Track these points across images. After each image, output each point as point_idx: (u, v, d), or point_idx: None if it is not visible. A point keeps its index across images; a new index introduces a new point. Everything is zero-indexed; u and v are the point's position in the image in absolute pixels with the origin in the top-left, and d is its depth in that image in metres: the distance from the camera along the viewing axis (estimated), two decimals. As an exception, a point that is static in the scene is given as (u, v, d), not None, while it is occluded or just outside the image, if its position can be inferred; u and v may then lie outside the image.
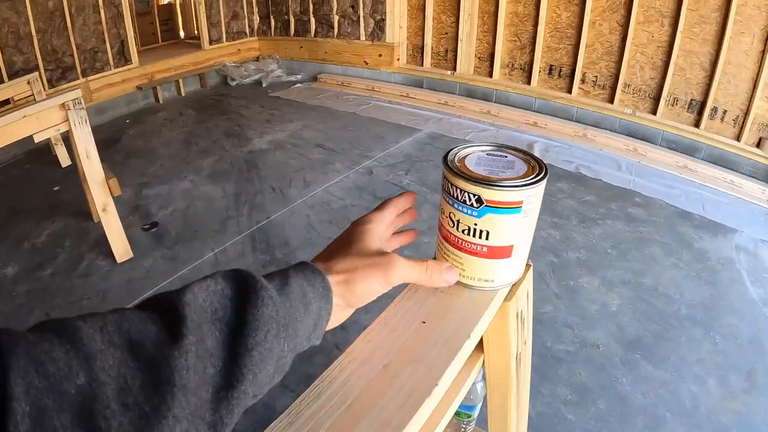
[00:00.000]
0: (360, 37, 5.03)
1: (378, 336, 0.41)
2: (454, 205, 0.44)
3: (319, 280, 0.36)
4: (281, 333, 0.31)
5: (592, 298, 2.07)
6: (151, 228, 2.63)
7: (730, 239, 2.53)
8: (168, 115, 4.53)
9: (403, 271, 0.41)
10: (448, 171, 0.44)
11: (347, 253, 0.41)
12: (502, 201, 0.42)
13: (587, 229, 2.56)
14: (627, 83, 3.79)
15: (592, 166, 3.28)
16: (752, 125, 3.26)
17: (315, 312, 0.35)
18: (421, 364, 0.37)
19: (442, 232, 0.48)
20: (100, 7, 4.30)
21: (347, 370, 0.37)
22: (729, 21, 3.15)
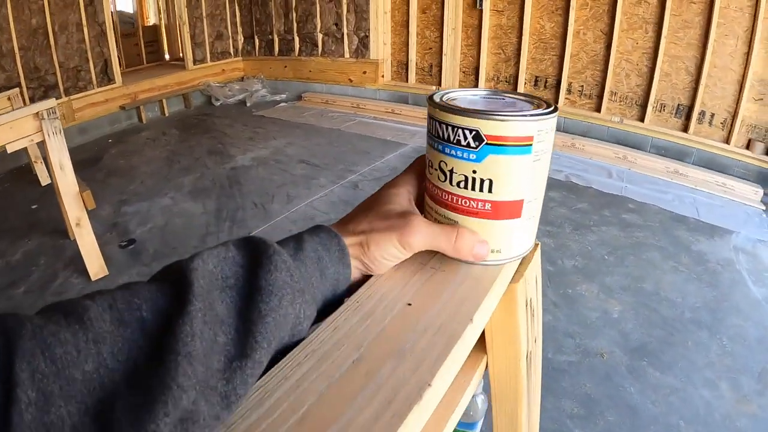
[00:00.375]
0: (344, 55, 5.00)
1: (347, 323, 0.30)
2: (444, 150, 0.35)
3: (334, 243, 0.35)
4: (297, 299, 0.29)
5: (591, 306, 2.00)
6: (128, 245, 2.54)
7: (727, 241, 2.50)
8: (151, 134, 4.48)
9: (424, 235, 0.36)
10: (436, 108, 0.35)
11: (368, 214, 0.38)
12: (509, 137, 0.33)
13: (582, 237, 2.51)
14: (613, 91, 3.77)
15: (583, 175, 3.23)
16: (741, 127, 3.25)
17: (332, 277, 0.34)
18: (406, 359, 0.26)
19: (430, 191, 0.39)
20: (83, 26, 4.24)
21: (303, 368, 0.26)
22: (712, 24, 3.16)
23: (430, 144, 0.37)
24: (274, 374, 0.26)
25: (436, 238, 0.36)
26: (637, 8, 3.47)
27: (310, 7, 5.05)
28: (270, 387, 0.25)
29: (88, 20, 4.27)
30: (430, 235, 0.36)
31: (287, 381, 0.25)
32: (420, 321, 0.30)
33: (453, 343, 0.27)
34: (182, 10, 5.20)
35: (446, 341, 0.28)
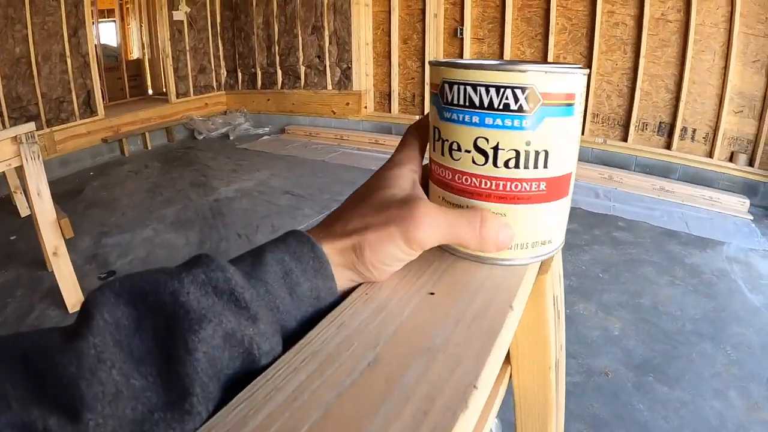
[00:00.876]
0: (327, 87, 5.01)
1: (356, 318, 0.24)
2: (485, 121, 0.27)
3: (307, 251, 0.27)
4: (247, 328, 0.22)
5: (591, 325, 1.96)
6: (108, 277, 2.45)
7: (719, 252, 2.51)
8: (133, 167, 4.42)
9: (437, 225, 0.27)
10: (460, 69, 0.27)
11: (359, 207, 0.29)
12: (564, 93, 0.27)
13: (575, 257, 2.49)
14: (595, 113, 3.81)
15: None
16: (723, 140, 3.29)
17: (307, 294, 0.26)
18: (437, 358, 0.20)
19: (453, 183, 0.30)
20: (66, 56, 4.20)
21: (300, 374, 0.20)
22: (689, 41, 3.24)
23: (448, 120, 0.29)
24: (261, 384, 0.20)
25: (454, 227, 0.27)
26: (614, 30, 3.55)
27: (292, 40, 5.07)
28: (257, 401, 0.19)
29: (72, 51, 4.24)
30: (445, 225, 0.27)
31: (280, 392, 0.19)
32: (448, 312, 0.24)
33: (494, 335, 0.21)
34: (166, 43, 5.20)
35: (486, 334, 0.22)
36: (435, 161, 0.31)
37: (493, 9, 4.04)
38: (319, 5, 4.77)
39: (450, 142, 0.29)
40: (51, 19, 4.03)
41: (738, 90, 3.20)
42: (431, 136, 0.31)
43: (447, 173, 0.30)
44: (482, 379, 0.19)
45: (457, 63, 0.27)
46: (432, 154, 0.32)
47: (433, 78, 0.30)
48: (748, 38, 3.11)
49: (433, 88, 0.30)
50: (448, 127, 0.29)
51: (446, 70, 0.28)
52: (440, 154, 0.30)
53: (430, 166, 0.32)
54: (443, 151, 0.30)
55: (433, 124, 0.31)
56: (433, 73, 0.30)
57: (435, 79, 0.29)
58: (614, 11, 3.51)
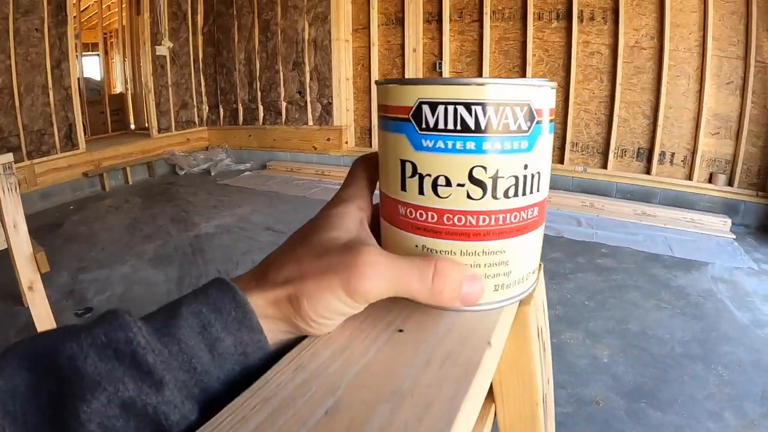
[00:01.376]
0: (308, 122, 5.04)
1: (315, 359, 0.22)
2: (482, 146, 0.23)
3: (228, 301, 0.23)
4: (150, 396, 0.19)
5: (579, 353, 1.93)
6: (85, 313, 2.39)
7: (704, 272, 2.53)
8: (113, 202, 4.37)
9: (380, 277, 0.23)
10: (455, 85, 0.23)
11: (297, 252, 0.26)
12: (548, 109, 0.25)
13: (559, 285, 2.49)
14: (575, 142, 3.87)
15: (552, 225, 3.25)
16: (701, 162, 3.37)
17: (230, 351, 0.23)
18: (405, 401, 0.18)
19: (445, 228, 0.25)
20: (49, 89, 4.18)
21: (249, 424, 0.17)
22: (664, 67, 3.34)
23: (431, 149, 0.24)
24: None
25: (402, 278, 0.23)
26: (590, 59, 3.65)
27: (273, 76, 5.12)
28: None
29: (54, 83, 4.22)
30: (392, 275, 0.23)
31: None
32: (419, 350, 0.22)
33: (470, 375, 0.19)
34: (148, 78, 5.22)
35: (461, 373, 0.19)
36: (407, 203, 0.26)
37: (471, 43, 4.14)
38: (300, 41, 4.84)
39: (434, 177, 0.24)
40: (35, 50, 4.04)
41: (714, 112, 3.29)
42: (394, 174, 0.26)
43: (431, 215, 0.25)
44: (457, 425, 0.17)
45: (439, 80, 0.24)
46: (398, 195, 0.26)
47: (394, 99, 0.25)
48: (721, 61, 3.23)
49: (396, 113, 0.25)
50: (429, 158, 0.24)
51: (425, 88, 0.24)
52: (417, 194, 0.25)
53: (393, 209, 0.27)
54: (422, 190, 0.25)
55: (399, 158, 0.25)
56: (394, 94, 0.25)
57: (400, 100, 0.25)
58: (589, 41, 3.61)
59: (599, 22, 3.55)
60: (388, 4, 4.47)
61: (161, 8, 5.13)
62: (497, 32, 4.00)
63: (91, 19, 8.18)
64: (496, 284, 0.25)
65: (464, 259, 0.25)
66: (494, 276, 0.25)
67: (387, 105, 0.26)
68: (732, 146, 3.30)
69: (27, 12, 3.93)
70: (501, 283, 0.26)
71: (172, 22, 5.28)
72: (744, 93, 3.19)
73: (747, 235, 3.10)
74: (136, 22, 6.07)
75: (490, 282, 0.25)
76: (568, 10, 3.63)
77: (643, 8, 3.38)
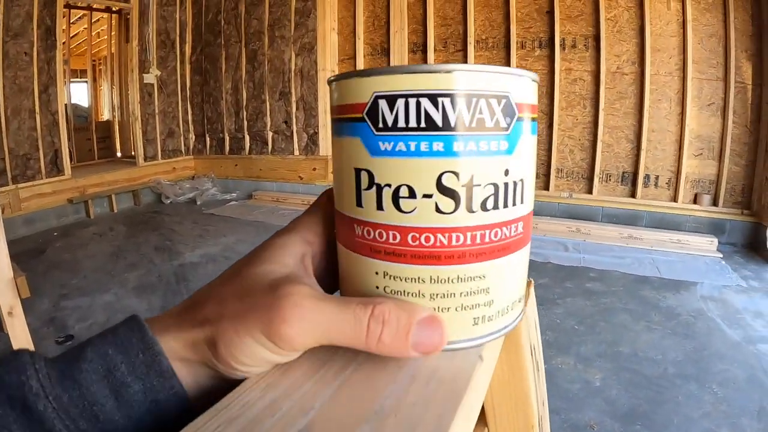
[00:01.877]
0: (294, 152, 5.03)
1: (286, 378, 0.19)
2: (453, 147, 0.19)
3: (136, 342, 0.21)
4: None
5: (570, 378, 1.91)
6: (66, 341, 2.33)
7: (693, 292, 2.54)
8: (98, 229, 4.33)
9: (307, 322, 0.20)
10: (415, 74, 0.19)
11: (223, 287, 0.23)
12: (529, 104, 0.21)
13: (548, 311, 2.48)
14: (559, 168, 3.90)
15: (539, 251, 3.25)
16: (686, 184, 3.42)
17: (139, 399, 0.20)
18: (387, 422, 0.16)
19: (409, 251, 0.21)
20: (36, 113, 4.15)
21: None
22: (645, 91, 3.41)
23: (390, 153, 0.20)
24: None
25: (333, 323, 0.20)
26: (573, 86, 3.72)
27: (260, 106, 5.13)
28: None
29: (42, 108, 4.20)
30: (322, 320, 0.20)
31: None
32: (403, 366, 0.20)
33: (461, 391, 0.17)
34: (135, 105, 5.21)
35: (449, 390, 0.18)
36: (363, 222, 0.22)
37: (455, 71, 4.21)
38: (287, 71, 4.87)
39: (395, 188, 0.20)
40: (23, 74, 4.03)
41: (696, 134, 3.36)
42: (348, 186, 0.22)
43: (392, 235, 0.21)
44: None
45: (398, 68, 0.19)
46: (353, 213, 0.22)
47: (347, 97, 0.21)
48: (702, 83, 3.31)
49: (349, 113, 0.21)
50: (388, 165, 0.20)
51: (381, 79, 0.20)
52: (375, 209, 0.21)
53: (348, 229, 0.23)
54: (381, 204, 0.21)
55: (354, 167, 0.21)
56: (347, 90, 0.21)
57: (354, 97, 0.21)
58: (572, 68, 3.69)
59: (581, 50, 3.64)
60: (373, 35, 4.55)
61: (150, 36, 5.18)
62: (481, 61, 4.06)
63: (80, 45, 8.24)
64: (476, 317, 0.21)
65: (435, 288, 0.21)
66: (473, 307, 0.21)
67: (340, 105, 0.22)
68: (715, 166, 3.36)
69: (16, 35, 3.94)
70: (482, 315, 0.22)
71: (160, 51, 5.32)
72: (725, 113, 3.27)
73: (734, 253, 3.13)
74: (124, 50, 6.11)
75: (468, 315, 0.21)
76: (551, 38, 3.71)
77: (623, 35, 3.48)
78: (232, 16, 5.13)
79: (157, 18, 5.21)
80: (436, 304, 0.21)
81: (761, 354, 1.97)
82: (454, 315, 0.21)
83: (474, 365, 0.20)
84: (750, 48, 3.19)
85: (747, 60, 3.20)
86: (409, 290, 0.21)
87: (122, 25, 6.36)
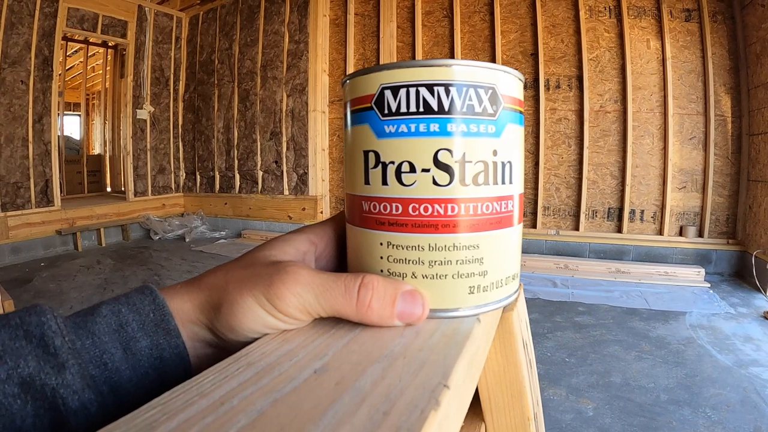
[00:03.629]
0: (283, 192, 5.05)
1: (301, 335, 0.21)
2: (446, 127, 0.22)
3: (148, 303, 0.23)
4: (50, 377, 0.19)
5: (563, 409, 1.88)
6: None
7: (682, 322, 2.56)
8: (85, 262, 4.28)
9: (304, 286, 0.22)
10: (414, 68, 0.23)
11: (228, 265, 0.26)
12: (516, 98, 0.25)
13: (538, 344, 2.48)
14: (546, 206, 3.94)
15: (528, 287, 3.27)
16: (671, 217, 3.49)
17: (146, 353, 0.22)
18: (397, 362, 0.17)
19: (410, 220, 0.24)
20: (29, 142, 4.17)
21: (232, 382, 0.16)
22: (628, 128, 3.52)
23: (394, 135, 0.23)
24: (184, 390, 0.16)
25: (327, 290, 0.22)
26: (558, 125, 3.82)
27: (251, 145, 5.17)
28: (174, 406, 0.15)
29: (35, 137, 4.23)
30: (316, 285, 0.22)
31: (204, 398, 0.16)
32: (407, 327, 0.21)
33: (462, 341, 0.19)
34: (128, 140, 5.24)
35: (452, 341, 0.19)
36: (370, 198, 0.24)
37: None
38: (278, 112, 4.94)
39: (398, 164, 0.23)
40: (18, 102, 4.07)
41: (679, 167, 3.46)
42: (358, 168, 0.25)
43: (395, 207, 0.24)
44: (453, 378, 0.16)
45: (401, 63, 0.23)
46: (362, 191, 0.25)
47: (358, 91, 0.24)
48: (683, 118, 3.43)
49: (359, 104, 0.25)
50: (393, 144, 0.23)
51: (387, 73, 0.23)
52: (380, 185, 0.24)
53: (357, 208, 0.26)
54: (386, 179, 0.24)
55: (362, 150, 0.24)
56: (358, 86, 0.24)
57: (364, 91, 0.24)
58: (556, 108, 3.81)
59: (565, 90, 3.77)
60: (363, 77, 4.69)
61: (144, 73, 5.26)
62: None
63: (75, 78, 8.34)
64: (471, 285, 0.24)
65: (433, 255, 0.23)
66: (468, 275, 0.23)
67: (352, 99, 0.25)
68: (699, 198, 3.45)
69: (14, 63, 4.00)
70: (477, 285, 0.24)
71: (154, 87, 5.40)
72: (707, 146, 3.39)
73: (722, 282, 3.18)
74: (118, 85, 6.19)
75: (463, 283, 0.23)
76: (535, 79, 3.84)
77: (606, 74, 3.62)
78: (226, 56, 5.23)
79: (153, 55, 5.32)
80: (435, 271, 0.23)
81: (753, 376, 1.98)
82: (451, 282, 0.23)
83: (473, 324, 0.21)
84: (728, 82, 3.34)
85: (726, 93, 3.34)
86: (410, 258, 0.23)
87: (117, 61, 6.47)
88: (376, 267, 0.24)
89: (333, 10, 4.69)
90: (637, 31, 3.52)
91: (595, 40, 3.64)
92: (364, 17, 4.55)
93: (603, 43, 3.61)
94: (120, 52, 6.23)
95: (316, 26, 4.62)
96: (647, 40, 3.49)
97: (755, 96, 3.15)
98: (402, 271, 0.23)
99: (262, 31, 4.94)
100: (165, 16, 5.41)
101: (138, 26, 5.11)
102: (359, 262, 0.25)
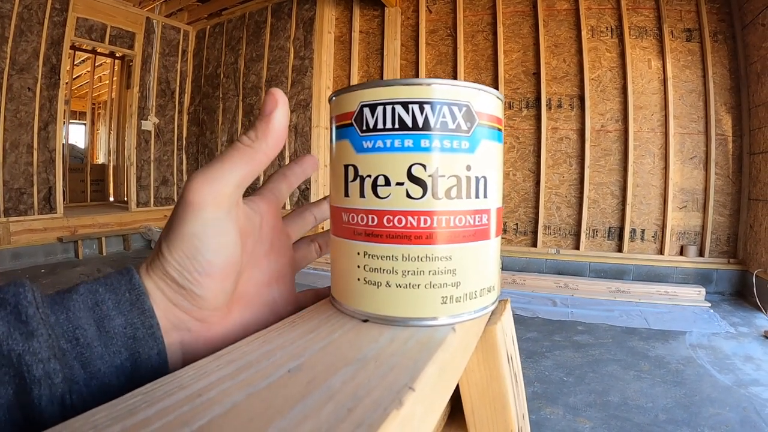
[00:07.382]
0: (285, 207, 5.06)
1: (281, 337, 0.21)
2: (421, 143, 0.23)
3: (125, 282, 0.23)
4: (17, 342, 0.19)
5: (560, 428, 1.87)
6: None
7: (682, 341, 2.55)
8: (85, 270, 4.28)
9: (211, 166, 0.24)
10: (390, 86, 0.24)
11: None
12: (492, 115, 0.26)
13: (536, 363, 2.46)
14: (547, 225, 3.94)
15: (527, 306, 3.25)
16: (671, 236, 3.49)
17: (120, 332, 0.22)
18: (368, 365, 0.18)
19: (385, 231, 0.24)
20: (34, 149, 4.22)
21: (210, 377, 0.17)
22: (629, 148, 3.54)
23: (371, 150, 0.24)
24: (165, 383, 0.17)
25: (227, 155, 0.24)
26: (559, 145, 3.85)
27: None
28: (154, 396, 0.16)
29: (40, 144, 4.27)
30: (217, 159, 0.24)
31: (183, 390, 0.17)
32: (383, 332, 0.22)
33: (434, 348, 0.20)
34: (132, 151, 5.30)
35: (424, 347, 0.20)
36: (349, 209, 0.26)
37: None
38: (282, 127, 5.03)
39: (374, 178, 0.24)
40: (24, 108, 4.13)
41: (680, 187, 3.47)
42: (339, 181, 0.26)
43: (371, 218, 0.24)
44: (420, 381, 0.17)
45: (380, 82, 0.24)
46: (342, 203, 0.26)
47: (341, 108, 0.26)
48: (684, 137, 3.46)
49: (340, 121, 0.26)
50: (370, 159, 0.24)
51: (366, 91, 0.24)
52: (358, 197, 0.25)
53: (338, 218, 0.27)
54: (363, 192, 0.25)
55: (343, 164, 0.26)
56: (341, 103, 0.26)
57: (346, 108, 0.25)
58: (558, 127, 3.84)
59: (566, 109, 3.80)
60: (366, 94, 4.74)
61: (150, 84, 5.33)
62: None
63: (81, 88, 8.44)
64: (444, 296, 0.24)
65: (406, 266, 0.24)
66: (441, 286, 0.24)
67: (336, 115, 0.26)
68: (700, 218, 3.45)
69: (22, 70, 4.06)
70: (450, 295, 0.24)
71: (159, 99, 5.47)
72: (707, 165, 3.40)
73: (722, 301, 3.17)
74: (124, 96, 6.26)
75: (436, 293, 0.24)
76: (537, 99, 3.88)
77: (607, 94, 3.66)
78: (231, 70, 5.30)
79: (159, 67, 5.39)
80: (408, 280, 0.24)
81: (753, 396, 1.97)
82: (425, 292, 0.24)
83: (447, 333, 0.22)
84: (729, 101, 3.36)
85: (726, 113, 3.37)
86: (385, 267, 0.24)
87: (124, 71, 6.56)
88: (354, 275, 0.25)
89: (338, 27, 4.76)
90: (639, 51, 3.56)
91: (596, 60, 3.68)
92: (368, 35, 4.62)
93: (605, 62, 3.66)
94: (127, 63, 6.32)
95: (321, 43, 4.68)
96: (648, 60, 3.53)
97: (756, 115, 3.18)
98: (377, 279, 0.24)
99: (268, 47, 5.01)
100: (172, 29, 5.50)
101: (145, 38, 5.19)
102: (339, 268, 0.27)
